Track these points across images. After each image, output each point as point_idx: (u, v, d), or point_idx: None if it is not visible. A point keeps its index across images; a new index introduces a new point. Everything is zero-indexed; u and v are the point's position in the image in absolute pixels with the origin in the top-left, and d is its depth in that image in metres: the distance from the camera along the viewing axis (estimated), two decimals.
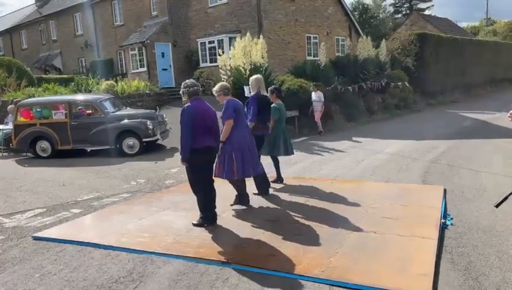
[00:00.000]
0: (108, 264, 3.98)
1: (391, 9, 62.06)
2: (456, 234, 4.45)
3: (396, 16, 58.68)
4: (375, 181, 7.01)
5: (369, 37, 18.33)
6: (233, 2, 19.29)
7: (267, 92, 6.60)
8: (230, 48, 14.21)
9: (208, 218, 4.91)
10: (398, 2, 60.35)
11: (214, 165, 5.20)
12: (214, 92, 5.44)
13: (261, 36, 13.46)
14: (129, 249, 4.28)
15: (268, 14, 18.75)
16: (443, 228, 4.61)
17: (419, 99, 20.15)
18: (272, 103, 6.60)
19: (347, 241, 4.25)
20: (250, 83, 6.39)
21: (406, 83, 18.86)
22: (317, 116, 13.26)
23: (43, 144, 11.07)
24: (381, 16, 62.36)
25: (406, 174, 7.41)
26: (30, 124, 11.06)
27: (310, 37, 21.09)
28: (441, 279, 3.44)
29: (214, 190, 5.00)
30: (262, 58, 13.12)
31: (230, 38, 18.48)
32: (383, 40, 19.39)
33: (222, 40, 19.02)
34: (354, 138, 12.17)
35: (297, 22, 20.14)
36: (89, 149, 11.40)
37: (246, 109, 6.01)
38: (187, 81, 4.98)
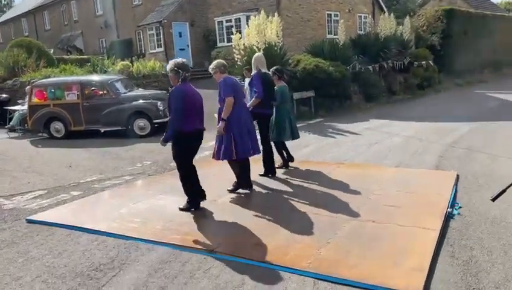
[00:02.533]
0: (93, 250, 3.89)
1: None
2: (462, 224, 4.14)
3: None
4: (384, 166, 6.68)
5: (392, 14, 17.55)
6: None
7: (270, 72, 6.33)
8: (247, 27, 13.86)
9: (194, 202, 4.78)
10: None
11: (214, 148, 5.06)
12: (210, 70, 5.23)
13: (276, 14, 12.98)
14: (117, 234, 4.18)
15: None
16: (449, 217, 4.31)
17: (444, 78, 19.33)
18: (275, 83, 6.29)
19: (342, 231, 4.01)
20: (252, 62, 6.15)
21: (430, 61, 18.12)
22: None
23: (57, 125, 11.15)
24: None
25: (419, 159, 7.04)
26: (44, 105, 11.14)
27: (331, 14, 20.39)
28: (437, 275, 3.18)
29: (195, 172, 4.85)
30: (277, 37, 12.70)
31: (247, 17, 18.03)
32: (407, 17, 18.49)
33: (239, 18, 18.62)
34: (371, 120, 11.76)
35: None
36: (102, 130, 11.41)
37: (249, 89, 5.83)
38: (179, 60, 4.77)
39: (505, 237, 3.77)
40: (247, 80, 10.81)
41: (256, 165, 5.92)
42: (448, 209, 4.46)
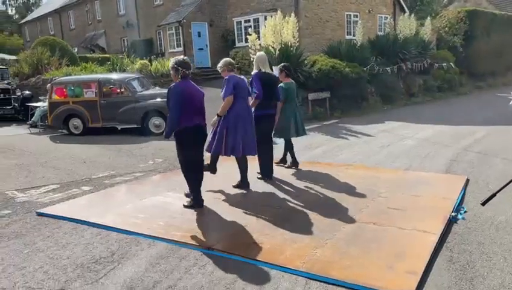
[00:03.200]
0: (95, 244, 4.00)
1: None
2: (465, 229, 4.07)
3: None
4: (394, 168, 6.61)
5: (412, 15, 17.28)
6: None
7: (274, 71, 6.34)
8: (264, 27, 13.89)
9: (197, 199, 4.84)
10: None
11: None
12: (218, 68, 5.32)
13: (292, 15, 12.97)
14: (120, 229, 4.29)
15: None
16: (452, 221, 4.25)
17: (466, 81, 18.93)
18: (279, 82, 6.28)
19: (341, 232, 4.01)
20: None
21: (451, 63, 17.77)
22: None
23: (75, 122, 11.44)
24: None
25: (430, 162, 6.94)
26: (63, 102, 11.43)
27: (350, 15, 20.20)
28: (431, 278, 3.15)
29: (202, 170, 4.92)
30: (293, 37, 12.69)
31: (265, 17, 18.07)
32: (428, 17, 18.16)
33: (258, 18, 18.67)
34: (386, 122, 11.63)
35: None
36: (119, 127, 11.65)
37: (250, 89, 5.83)
38: (180, 58, 4.85)
39: (506, 242, 3.70)
40: None
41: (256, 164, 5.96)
42: (452, 214, 4.39)
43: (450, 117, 11.71)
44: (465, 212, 4.49)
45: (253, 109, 5.67)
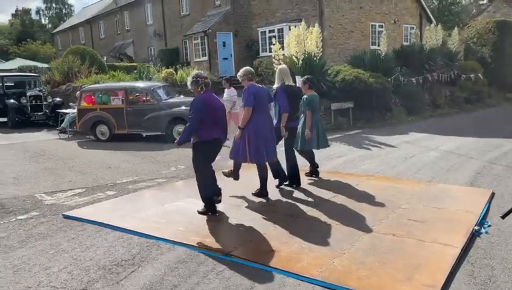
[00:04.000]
0: (117, 247, 4.11)
1: None
2: (488, 243, 3.99)
3: (482, 2, 53.95)
4: (416, 180, 6.52)
5: (439, 25, 17.05)
6: None
7: (298, 81, 6.38)
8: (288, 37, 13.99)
9: (209, 206, 4.92)
10: None
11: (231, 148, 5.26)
12: (238, 77, 5.41)
13: (316, 25, 13.02)
14: (141, 233, 4.39)
15: (330, 2, 18.15)
16: (475, 235, 4.16)
17: (495, 92, 18.49)
18: (303, 94, 6.31)
19: (359, 243, 3.99)
20: (276, 74, 6.19)
21: (479, 74, 17.41)
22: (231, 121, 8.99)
23: (102, 128, 11.75)
24: (463, 2, 57.90)
25: (454, 175, 6.81)
26: (91, 109, 11.78)
27: (375, 25, 20.09)
28: None
29: (214, 177, 4.97)
30: (317, 47, 12.73)
31: (290, 27, 18.19)
32: (455, 28, 17.88)
33: (282, 29, 18.80)
34: (411, 133, 11.47)
35: (361, 9, 19.29)
36: (144, 134, 11.90)
37: (274, 102, 5.87)
38: (197, 72, 4.99)
39: None
40: (227, 92, 10.55)
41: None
42: (476, 227, 4.31)
43: (476, 129, 11.46)
44: (489, 226, 4.40)
45: (275, 121, 5.74)
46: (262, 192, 5.56)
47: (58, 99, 15.27)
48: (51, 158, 9.29)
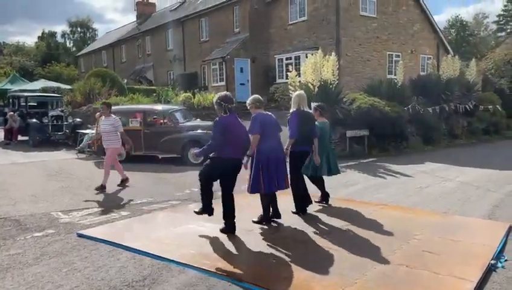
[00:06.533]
0: (129, 267, 4.14)
1: (494, 27, 57.34)
2: (504, 278, 3.89)
3: (500, 35, 53.92)
4: (431, 211, 6.43)
5: (456, 56, 17.08)
6: (313, 19, 19.32)
7: (312, 110, 6.44)
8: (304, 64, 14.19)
9: (228, 226, 5.03)
10: (502, 20, 55.53)
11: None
12: (247, 105, 5.50)
13: (333, 53, 13.20)
14: (153, 254, 4.42)
15: (347, 31, 18.43)
16: (491, 270, 4.07)
17: None
18: (316, 120, 6.36)
19: (371, 273, 3.93)
20: (292, 99, 6.26)
21: (498, 106, 17.24)
22: (109, 158, 8.23)
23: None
24: (482, 34, 57.89)
25: (471, 206, 6.69)
26: None
27: (392, 54, 20.26)
28: None
29: (230, 201, 5.13)
30: (333, 75, 12.86)
31: (306, 55, 18.47)
32: (473, 59, 17.88)
33: (299, 56, 19.10)
34: (426, 163, 11.35)
35: (378, 39, 19.51)
36: (160, 156, 12.05)
37: (288, 126, 5.93)
38: (224, 94, 5.10)
39: None
40: (104, 120, 8.22)
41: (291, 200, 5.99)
42: (492, 261, 4.21)
43: (494, 161, 11.28)
44: (506, 260, 4.29)
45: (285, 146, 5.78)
46: (264, 218, 5.53)
47: (78, 119, 15.65)
48: (68, 177, 9.46)
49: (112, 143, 8.28)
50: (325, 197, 6.68)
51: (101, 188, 7.96)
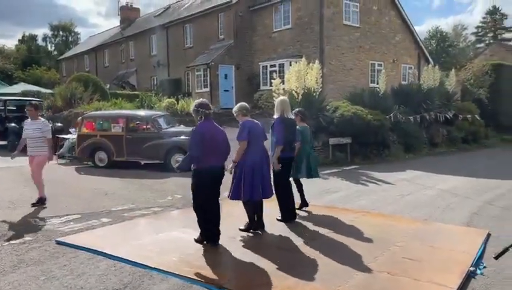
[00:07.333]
0: (109, 275, 4.07)
1: (473, 38, 58.93)
2: (483, 285, 3.96)
3: (479, 46, 55.45)
4: (412, 218, 6.51)
5: (436, 66, 17.46)
6: (297, 27, 19.52)
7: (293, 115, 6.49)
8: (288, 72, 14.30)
9: (205, 236, 4.92)
10: (481, 31, 57.13)
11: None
12: (233, 112, 5.49)
13: (316, 61, 13.34)
14: (134, 262, 4.36)
15: (330, 40, 18.67)
16: (470, 276, 4.14)
17: (492, 134, 18.68)
18: (297, 125, 6.42)
19: (353, 280, 3.96)
20: (275, 106, 6.27)
21: (476, 115, 17.64)
22: (37, 169, 7.14)
23: (101, 155, 11.80)
24: (461, 45, 59.43)
25: (451, 214, 6.81)
26: (91, 135, 11.88)
27: (374, 64, 20.59)
28: None
29: (214, 211, 4.98)
30: (317, 83, 12.98)
31: (290, 63, 18.62)
32: (452, 70, 18.31)
33: (283, 64, 19.23)
34: (408, 170, 11.52)
35: (361, 48, 19.81)
36: (142, 162, 11.92)
37: (271, 133, 5.94)
38: (200, 100, 5.08)
39: None
40: (29, 124, 7.10)
41: (276, 207, 5.99)
42: (471, 268, 4.29)
43: (473, 169, 11.52)
44: (484, 267, 4.37)
45: (271, 153, 5.79)
46: (255, 225, 5.52)
47: (58, 124, 15.38)
48: (47, 183, 9.16)
49: (40, 151, 7.06)
50: (303, 202, 6.72)
51: (40, 202, 7.02)
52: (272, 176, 5.59)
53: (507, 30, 54.26)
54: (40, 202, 7.06)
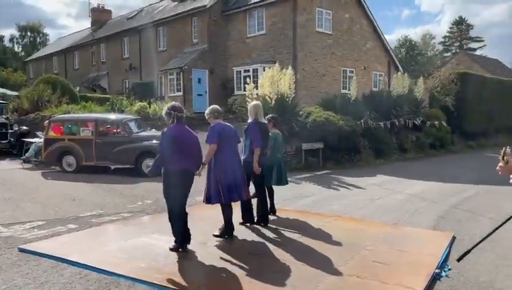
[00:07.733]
0: (74, 284, 3.94)
1: (440, 47, 60.96)
2: (448, 286, 4.05)
3: (446, 55, 57.42)
4: (382, 222, 6.62)
5: (405, 74, 17.94)
6: (271, 33, 19.65)
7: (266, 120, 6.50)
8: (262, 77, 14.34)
9: (180, 242, 4.83)
10: (448, 41, 59.16)
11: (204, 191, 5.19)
12: (205, 115, 5.46)
13: (289, 67, 13.46)
14: (100, 269, 4.23)
15: (303, 46, 18.88)
16: (435, 279, 4.23)
17: (457, 140, 19.30)
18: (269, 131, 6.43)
19: (324, 284, 3.97)
20: (248, 110, 6.27)
21: (443, 122, 18.19)
22: None
23: (69, 159, 11.47)
24: (429, 53, 61.39)
25: (418, 218, 6.96)
26: (59, 139, 11.54)
27: (346, 70, 20.96)
28: None
29: (186, 214, 4.91)
30: (290, 88, 13.08)
31: (264, 68, 18.71)
32: (421, 77, 18.85)
33: (257, 69, 19.30)
34: (378, 175, 11.73)
35: (333, 55, 20.13)
36: (112, 167, 11.67)
37: (245, 137, 5.93)
38: (173, 103, 5.02)
39: None
40: None
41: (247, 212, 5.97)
42: (436, 271, 4.38)
43: (440, 174, 11.84)
44: (449, 269, 4.48)
45: (243, 156, 5.77)
46: (227, 231, 5.47)
47: (24, 127, 14.90)
48: (11, 188, 8.94)
49: None
50: (271, 207, 6.71)
51: None
52: (245, 179, 5.57)
53: (473, 40, 56.44)
54: None
